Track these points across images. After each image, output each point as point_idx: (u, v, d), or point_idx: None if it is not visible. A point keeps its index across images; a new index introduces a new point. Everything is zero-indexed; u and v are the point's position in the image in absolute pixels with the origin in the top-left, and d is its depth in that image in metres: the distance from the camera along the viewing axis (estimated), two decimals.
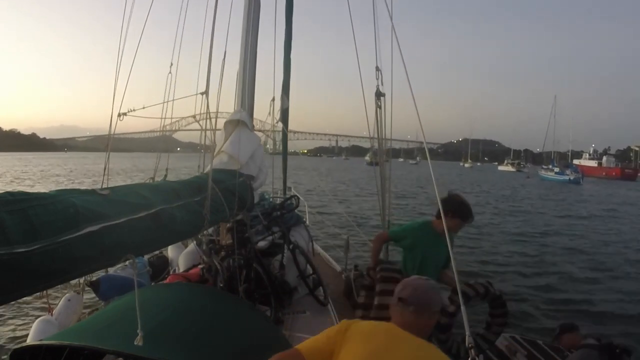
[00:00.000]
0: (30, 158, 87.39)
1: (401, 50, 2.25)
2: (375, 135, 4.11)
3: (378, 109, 4.00)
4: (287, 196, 5.22)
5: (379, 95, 3.95)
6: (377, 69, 3.84)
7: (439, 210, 2.84)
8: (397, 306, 1.58)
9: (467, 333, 1.42)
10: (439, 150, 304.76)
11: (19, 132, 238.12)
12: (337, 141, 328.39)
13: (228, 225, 3.10)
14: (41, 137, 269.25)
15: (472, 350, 1.38)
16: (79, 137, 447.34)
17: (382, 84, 3.90)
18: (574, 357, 3.15)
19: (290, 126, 5.73)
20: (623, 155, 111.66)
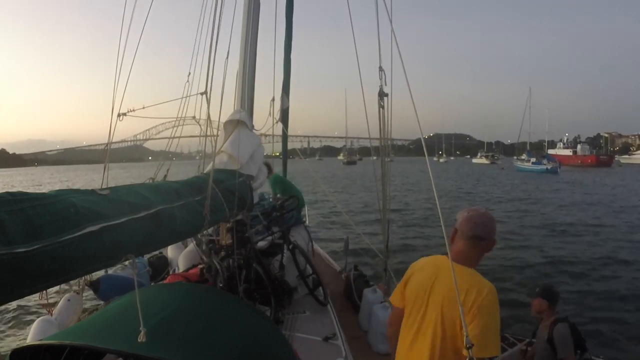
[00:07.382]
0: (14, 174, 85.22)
1: (400, 50, 2.25)
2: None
3: (381, 108, 3.98)
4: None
5: (381, 95, 3.92)
6: (381, 69, 3.82)
7: None
8: (469, 241, 1.76)
9: (465, 334, 1.43)
10: (411, 147, 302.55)
11: None
12: (308, 142, 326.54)
13: (228, 225, 3.10)
14: (10, 152, 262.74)
15: (470, 351, 1.39)
16: (48, 151, 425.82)
17: (385, 84, 3.88)
18: (556, 334, 3.25)
19: (263, 130, 5.50)
20: (593, 142, 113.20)
